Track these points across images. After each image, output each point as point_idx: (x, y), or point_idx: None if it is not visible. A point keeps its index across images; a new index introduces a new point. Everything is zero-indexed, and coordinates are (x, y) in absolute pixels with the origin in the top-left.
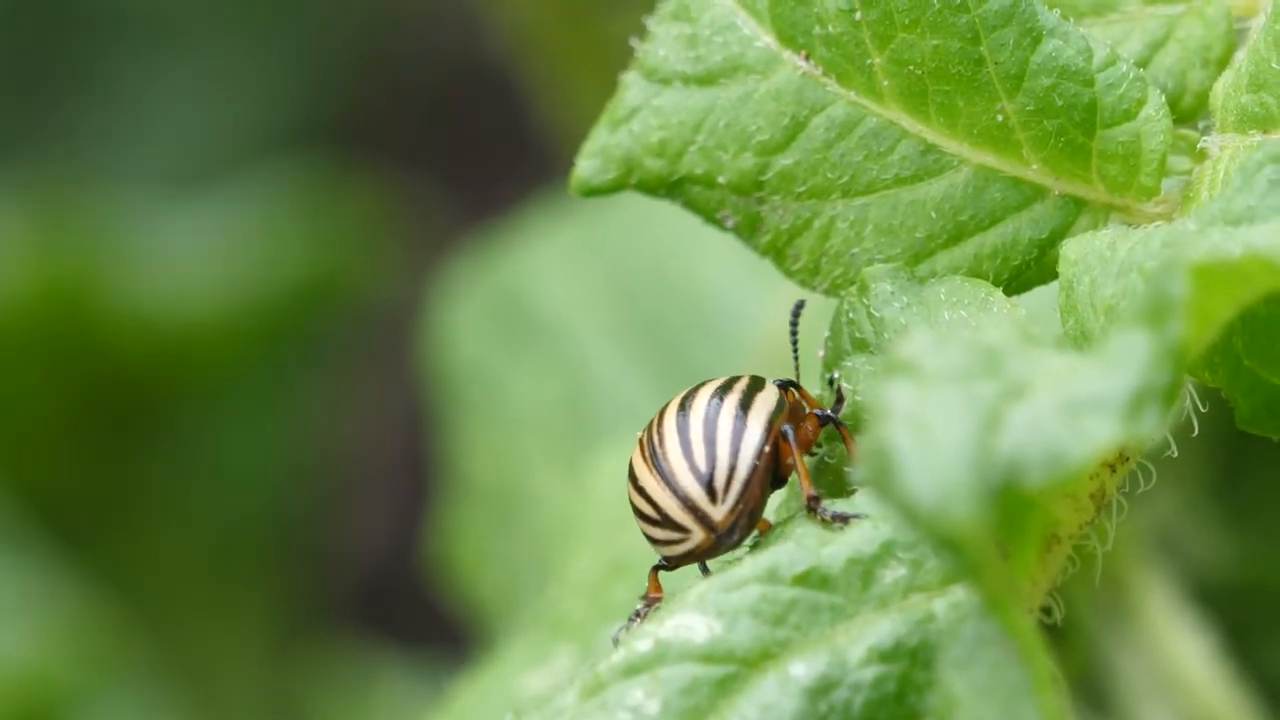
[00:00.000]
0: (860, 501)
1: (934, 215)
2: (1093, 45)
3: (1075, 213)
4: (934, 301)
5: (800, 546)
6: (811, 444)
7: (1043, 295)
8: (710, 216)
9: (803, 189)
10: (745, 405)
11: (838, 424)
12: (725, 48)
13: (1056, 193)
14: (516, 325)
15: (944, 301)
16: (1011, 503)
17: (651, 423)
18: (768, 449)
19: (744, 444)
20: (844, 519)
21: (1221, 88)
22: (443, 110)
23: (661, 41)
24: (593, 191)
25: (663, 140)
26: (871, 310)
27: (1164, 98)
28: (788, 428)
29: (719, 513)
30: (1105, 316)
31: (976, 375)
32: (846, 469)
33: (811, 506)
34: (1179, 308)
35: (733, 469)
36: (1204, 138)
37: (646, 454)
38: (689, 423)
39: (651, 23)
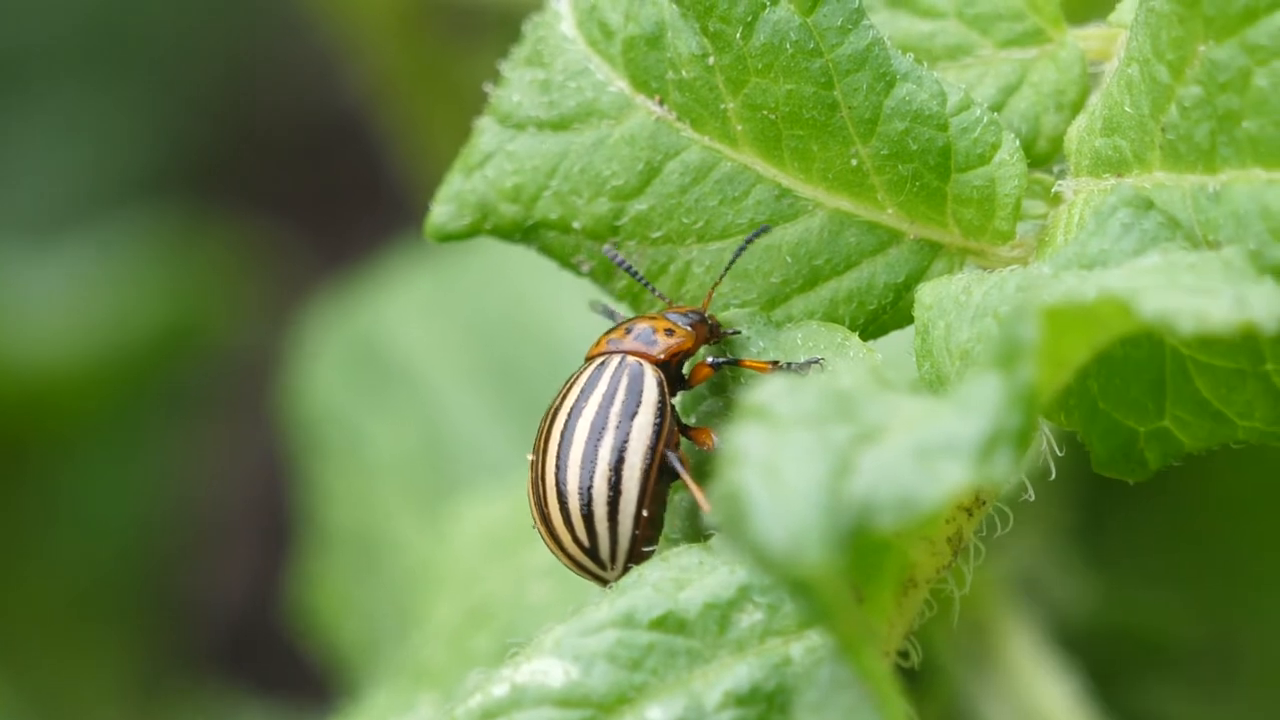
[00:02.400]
0: (716, 547)
1: (789, 260)
2: (946, 89)
3: (930, 257)
4: (790, 346)
5: (657, 591)
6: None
7: (899, 340)
8: (566, 261)
9: (658, 234)
10: (620, 460)
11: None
12: (579, 93)
13: (912, 237)
14: (374, 372)
15: (800, 346)
16: (865, 547)
17: (535, 463)
18: (646, 513)
19: (621, 518)
20: None
21: (1075, 131)
22: (300, 157)
23: (515, 87)
24: (448, 237)
25: (517, 185)
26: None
27: (1018, 142)
28: (675, 461)
29: (613, 575)
30: (961, 361)
31: (829, 420)
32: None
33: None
34: (1030, 351)
35: (614, 544)
36: (1059, 182)
37: (534, 501)
38: (568, 487)
39: (505, 68)
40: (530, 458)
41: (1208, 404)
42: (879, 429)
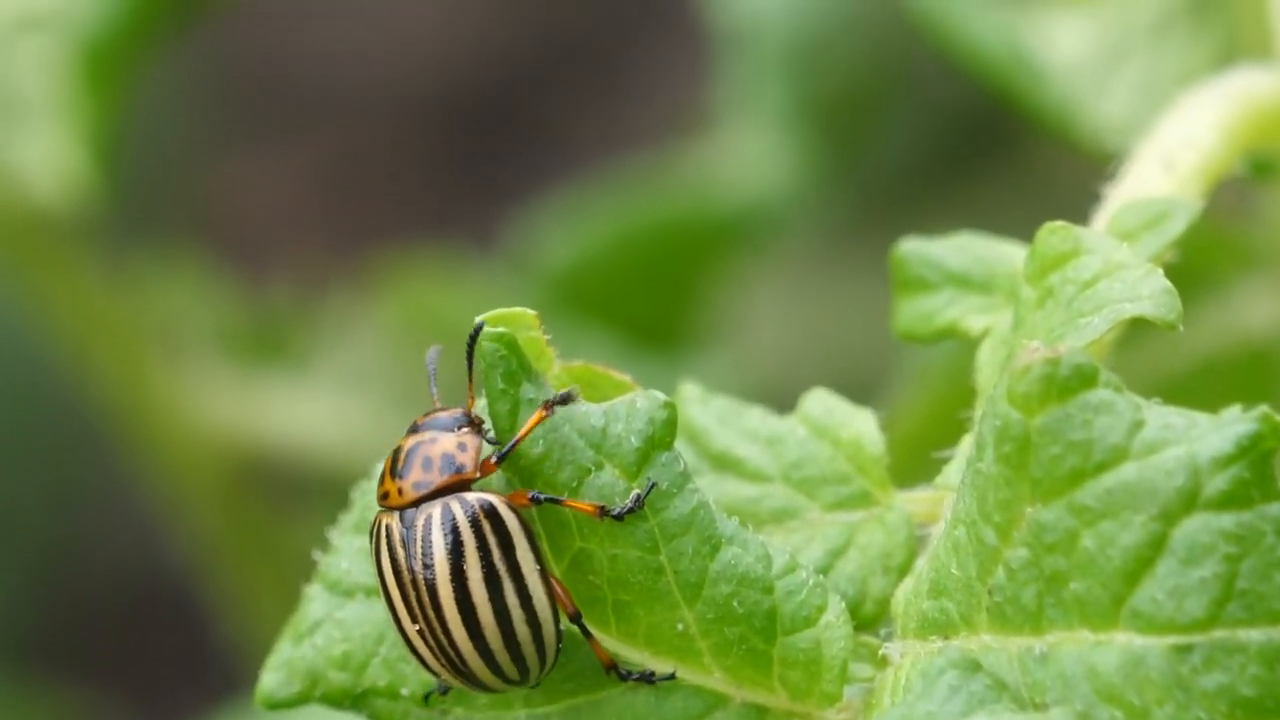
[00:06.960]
0: None
1: None
2: (772, 552)
3: None
4: None
5: None
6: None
7: None
8: None
9: (484, 700)
10: (527, 600)
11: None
12: None
13: (738, 700)
14: None
15: None
16: None
17: (426, 631)
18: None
19: (545, 635)
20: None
21: (903, 594)
22: (125, 625)
23: (344, 554)
24: (277, 705)
25: (346, 653)
26: None
27: (844, 604)
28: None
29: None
30: None
31: None
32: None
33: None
34: None
35: (542, 654)
36: (885, 644)
37: (444, 665)
38: (492, 645)
39: (334, 535)
40: (416, 627)
41: None
42: None
